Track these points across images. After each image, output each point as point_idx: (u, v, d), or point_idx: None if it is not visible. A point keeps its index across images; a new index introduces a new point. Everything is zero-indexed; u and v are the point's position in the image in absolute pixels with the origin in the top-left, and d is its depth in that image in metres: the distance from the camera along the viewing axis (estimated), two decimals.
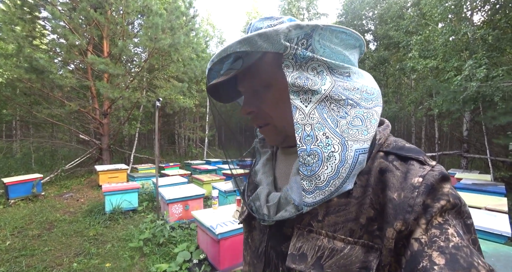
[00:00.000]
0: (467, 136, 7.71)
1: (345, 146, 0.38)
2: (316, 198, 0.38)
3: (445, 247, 0.32)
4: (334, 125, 0.39)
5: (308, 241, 0.41)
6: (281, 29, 0.37)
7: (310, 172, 0.37)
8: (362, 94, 0.42)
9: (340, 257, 0.38)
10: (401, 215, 0.34)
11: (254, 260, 0.53)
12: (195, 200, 4.03)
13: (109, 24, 7.01)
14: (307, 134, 0.38)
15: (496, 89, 4.73)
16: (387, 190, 0.38)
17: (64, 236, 3.91)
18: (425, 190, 0.35)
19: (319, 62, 0.40)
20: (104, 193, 4.58)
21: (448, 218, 0.35)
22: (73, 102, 7.17)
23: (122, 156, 10.17)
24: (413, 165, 0.38)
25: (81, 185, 7.44)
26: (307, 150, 0.38)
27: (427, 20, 7.21)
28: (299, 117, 0.38)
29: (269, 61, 0.44)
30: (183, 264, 2.63)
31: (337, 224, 0.40)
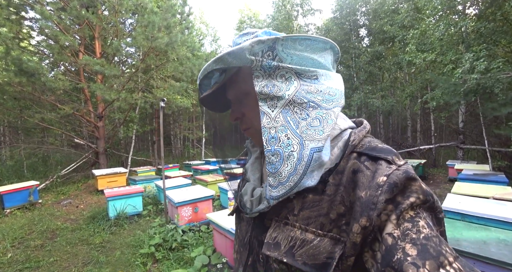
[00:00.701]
0: (463, 128, 7.87)
1: (303, 146, 0.42)
2: (280, 192, 0.43)
3: (417, 238, 0.34)
4: (295, 127, 0.43)
5: (283, 232, 0.45)
6: (245, 46, 0.42)
7: (274, 170, 0.43)
8: (324, 96, 0.46)
9: (310, 247, 0.42)
10: (366, 212, 0.37)
11: (241, 248, 0.58)
12: (204, 202, 3.95)
13: (102, 24, 6.75)
14: (272, 136, 0.43)
15: (496, 81, 4.82)
16: (357, 189, 0.40)
17: (69, 245, 3.76)
18: (388, 188, 0.37)
19: (286, 69, 0.44)
20: (107, 198, 4.43)
21: (419, 211, 0.38)
22: (67, 105, 6.90)
23: (119, 159, 9.93)
24: (381, 164, 0.41)
25: (78, 191, 7.20)
26: (272, 151, 0.43)
27: (423, 14, 7.28)
28: (265, 121, 0.44)
29: (246, 72, 0.49)
30: (201, 268, 2.55)
31: (310, 218, 0.44)
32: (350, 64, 11.25)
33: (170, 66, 7.59)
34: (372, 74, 10.88)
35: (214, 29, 15.93)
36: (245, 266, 0.55)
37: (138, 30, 5.86)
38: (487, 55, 5.23)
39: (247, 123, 0.54)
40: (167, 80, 8.01)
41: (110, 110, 8.42)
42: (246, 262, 0.54)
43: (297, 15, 13.10)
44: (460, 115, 7.85)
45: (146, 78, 7.64)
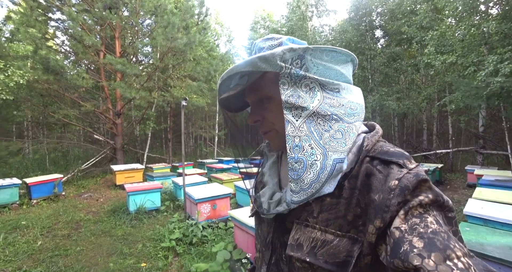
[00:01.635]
0: (483, 132, 7.63)
1: (326, 156, 0.45)
2: (301, 198, 0.46)
3: (424, 232, 0.36)
4: (319, 138, 0.46)
5: (304, 233, 0.48)
6: (277, 52, 0.43)
7: (297, 176, 0.45)
8: (346, 110, 0.48)
9: (330, 247, 0.44)
10: (380, 214, 0.40)
11: (263, 248, 0.61)
12: (222, 200, 4.05)
13: (123, 24, 7.00)
14: (296, 144, 0.45)
15: None
16: (370, 192, 0.43)
17: (93, 236, 3.95)
18: (400, 192, 0.39)
19: (311, 79, 0.46)
20: (128, 193, 4.61)
21: (428, 209, 0.39)
22: (88, 102, 7.19)
23: (135, 156, 10.23)
24: (392, 168, 0.43)
25: (97, 185, 7.50)
26: (295, 158, 0.45)
27: (443, 15, 7.11)
28: (290, 130, 0.45)
29: (270, 77, 0.50)
30: (223, 263, 2.64)
31: (329, 220, 0.46)
32: (365, 66, 11.09)
33: (188, 66, 7.78)
34: (387, 76, 10.70)
35: (228, 30, 16.12)
36: (269, 265, 0.57)
37: (158, 30, 6.06)
38: None
39: (267, 126, 0.54)
40: (184, 79, 8.20)
41: (127, 108, 8.71)
42: (270, 261, 0.57)
43: (312, 16, 13.05)
44: (480, 119, 7.61)
45: (164, 77, 7.85)
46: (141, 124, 8.82)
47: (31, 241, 3.72)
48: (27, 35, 5.69)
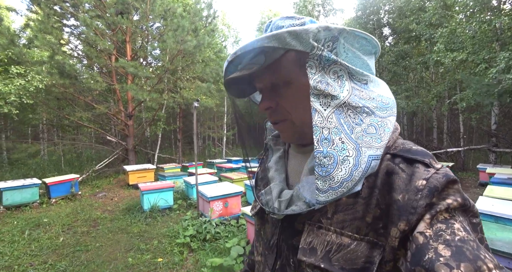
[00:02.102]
0: (496, 130, 7.49)
1: (359, 152, 0.39)
2: (329, 198, 0.39)
3: (451, 240, 0.33)
4: (350, 131, 0.40)
5: (318, 236, 0.44)
6: (311, 29, 0.38)
7: (325, 173, 0.39)
8: (378, 103, 0.44)
9: (347, 252, 0.40)
10: (405, 216, 0.36)
11: (266, 251, 0.55)
12: (234, 198, 4.16)
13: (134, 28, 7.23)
14: (325, 137, 0.39)
15: None
16: (392, 192, 0.39)
17: (110, 233, 4.13)
18: (428, 193, 0.36)
19: (341, 66, 0.42)
20: (143, 192, 4.78)
21: (455, 214, 0.36)
22: (102, 105, 7.45)
23: (145, 156, 10.50)
24: (418, 167, 0.40)
25: (111, 185, 7.75)
26: (324, 152, 0.39)
27: (453, 11, 7.02)
28: (318, 120, 0.40)
29: (291, 59, 0.44)
30: (237, 258, 2.75)
31: (345, 221, 0.42)
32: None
33: (198, 68, 7.95)
34: (396, 74, 10.59)
35: (235, 31, 16.29)
36: (273, 270, 0.52)
37: (168, 34, 6.24)
38: None
39: (282, 115, 0.48)
40: (193, 81, 8.39)
41: (138, 109, 8.96)
42: (274, 266, 0.52)
43: (319, 15, 13.05)
44: (493, 117, 7.48)
45: (174, 79, 8.06)
46: (152, 125, 9.06)
47: (54, 237, 3.92)
48: (44, 42, 5.95)
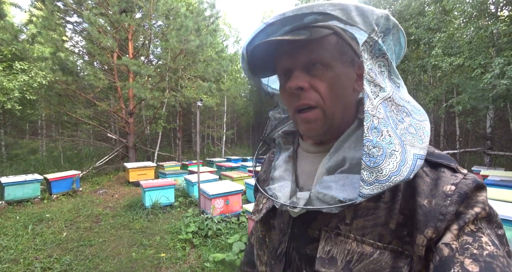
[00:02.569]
0: (491, 133, 7.67)
1: (404, 149, 0.37)
2: (374, 190, 0.35)
3: (479, 254, 0.31)
4: (395, 127, 0.38)
5: (337, 244, 0.40)
6: (376, 11, 0.37)
7: (374, 164, 0.35)
8: (413, 107, 0.43)
9: (370, 262, 0.37)
10: (432, 222, 0.34)
11: (272, 261, 0.51)
12: (235, 196, 4.25)
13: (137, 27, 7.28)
14: (374, 126, 0.36)
15: None
16: (416, 196, 0.37)
17: (113, 228, 4.20)
18: (459, 198, 0.35)
19: (386, 61, 0.40)
20: (145, 189, 4.85)
21: (481, 226, 0.34)
22: (103, 102, 7.50)
23: (145, 154, 10.55)
24: (444, 172, 0.38)
25: (111, 182, 7.81)
26: (373, 142, 0.35)
27: (451, 17, 7.17)
28: (369, 106, 0.36)
29: (334, 42, 0.42)
30: (239, 253, 2.84)
31: (365, 228, 0.39)
32: None
33: (200, 67, 8.03)
34: None
35: (236, 30, 16.36)
36: None
37: (172, 33, 6.30)
38: None
39: (313, 100, 0.43)
40: (195, 80, 8.46)
41: (139, 107, 9.02)
42: None
43: None
44: (488, 120, 7.65)
45: (175, 78, 8.13)
46: (153, 123, 9.12)
47: (57, 232, 3.99)
48: (48, 38, 5.99)
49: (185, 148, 15.93)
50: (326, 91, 0.43)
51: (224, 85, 12.08)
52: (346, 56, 0.44)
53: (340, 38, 0.44)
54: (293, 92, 0.43)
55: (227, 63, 8.04)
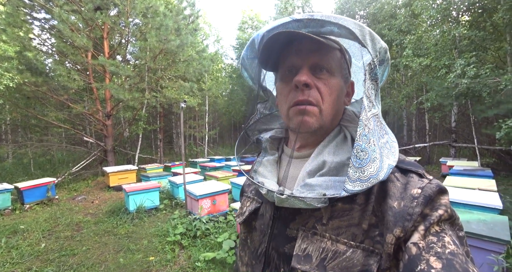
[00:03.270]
0: (455, 127, 8.39)
1: (382, 158, 0.42)
2: (355, 188, 0.40)
3: (442, 253, 0.34)
4: (378, 139, 0.44)
5: (313, 243, 0.43)
6: (382, 42, 0.44)
7: (359, 165, 0.40)
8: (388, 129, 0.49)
9: (343, 260, 0.40)
10: (401, 222, 0.38)
11: (253, 261, 0.54)
12: (221, 195, 4.30)
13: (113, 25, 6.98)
14: (365, 134, 0.41)
15: (484, 86, 5.28)
16: (388, 199, 0.41)
17: (96, 235, 4.07)
18: (424, 201, 0.38)
19: (377, 86, 0.46)
20: (128, 193, 4.73)
21: (444, 227, 0.38)
22: (78, 104, 7.13)
23: (125, 157, 10.17)
24: (412, 177, 0.42)
25: (89, 188, 7.46)
26: (362, 147, 0.40)
27: (420, 20, 7.72)
28: (364, 117, 0.41)
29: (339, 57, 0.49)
30: (229, 251, 2.91)
31: (340, 228, 0.42)
32: None
33: (180, 67, 7.87)
34: None
35: (217, 30, 16.19)
36: None
37: (151, 32, 6.12)
38: (477, 62, 5.71)
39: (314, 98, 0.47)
40: (176, 80, 8.29)
41: (117, 109, 8.67)
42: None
43: None
44: (453, 116, 8.36)
45: (156, 78, 7.92)
46: (132, 125, 8.82)
47: (34, 244, 3.78)
48: (14, 36, 5.57)
49: (166, 149, 15.55)
50: (326, 94, 0.47)
51: (205, 85, 11.96)
52: (344, 72, 0.51)
53: (342, 55, 0.50)
54: (299, 86, 0.46)
55: (208, 62, 7.96)
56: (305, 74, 0.46)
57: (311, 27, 0.44)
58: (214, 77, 14.27)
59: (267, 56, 0.51)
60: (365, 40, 0.42)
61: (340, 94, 0.50)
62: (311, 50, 0.47)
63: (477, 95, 5.69)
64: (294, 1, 13.10)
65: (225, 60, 19.06)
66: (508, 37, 5.91)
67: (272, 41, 0.46)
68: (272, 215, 0.52)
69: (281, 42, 0.46)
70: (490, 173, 5.04)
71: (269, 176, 0.55)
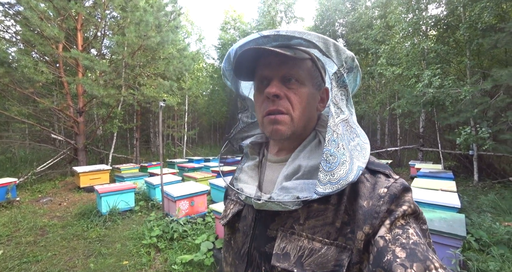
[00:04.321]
0: (423, 133, 9.06)
1: (352, 161, 0.45)
2: (326, 190, 0.42)
3: (406, 243, 0.37)
4: (347, 143, 0.46)
5: (291, 242, 0.46)
6: (347, 51, 0.47)
7: (329, 168, 0.43)
8: (360, 132, 0.52)
9: (318, 256, 0.43)
10: (369, 220, 0.41)
11: (236, 261, 0.56)
12: (200, 196, 4.24)
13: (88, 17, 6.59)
14: (333, 139, 0.44)
15: (447, 95, 5.78)
16: (358, 199, 0.44)
17: (64, 240, 3.81)
18: (389, 199, 0.41)
19: (346, 92, 0.49)
20: (101, 194, 4.49)
21: (409, 221, 0.41)
22: (46, 99, 6.63)
23: (98, 157, 9.60)
24: (380, 177, 0.46)
25: (56, 189, 6.95)
26: (330, 151, 0.43)
27: (393, 32, 8.26)
28: (332, 123, 0.44)
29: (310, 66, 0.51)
30: (207, 252, 2.88)
31: (316, 227, 0.45)
32: None
33: (160, 65, 7.61)
34: None
35: (199, 28, 15.91)
36: None
37: (130, 28, 5.86)
38: (442, 73, 6.24)
39: (285, 107, 0.50)
40: (155, 78, 8.01)
41: (90, 105, 8.18)
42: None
43: (281, 21, 13.70)
44: (421, 122, 9.02)
45: (134, 75, 7.58)
46: (107, 123, 8.36)
47: None
48: None
49: (142, 149, 14.95)
50: (296, 103, 0.50)
51: (185, 84, 11.68)
52: (316, 80, 0.54)
53: (314, 64, 0.53)
54: (270, 97, 0.49)
55: (189, 61, 7.79)
56: (274, 85, 0.49)
57: (280, 41, 0.47)
58: (195, 77, 14.01)
59: (240, 70, 0.54)
60: (329, 52, 0.45)
61: (311, 101, 0.52)
62: (280, 63, 0.50)
63: (441, 104, 6.22)
64: (277, 5, 13.35)
65: (206, 59, 18.83)
66: (467, 52, 6.55)
67: (244, 56, 0.49)
68: (254, 217, 0.54)
69: (252, 56, 0.49)
70: (451, 175, 5.51)
71: (250, 181, 0.57)
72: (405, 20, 7.30)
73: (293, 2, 13.67)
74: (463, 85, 5.85)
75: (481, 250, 3.08)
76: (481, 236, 3.22)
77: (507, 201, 4.92)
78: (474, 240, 3.16)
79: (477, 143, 5.98)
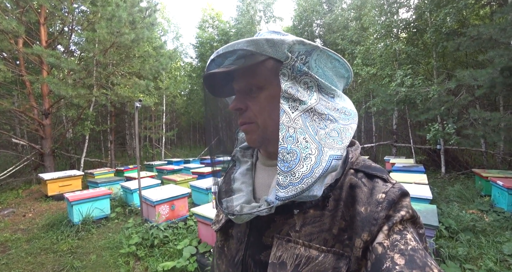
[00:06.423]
0: (396, 129, 9.58)
1: (321, 151, 0.41)
2: (288, 193, 0.40)
3: (404, 249, 0.37)
4: (314, 133, 0.43)
5: (287, 250, 0.44)
6: (287, 40, 0.42)
7: (287, 168, 0.40)
8: (341, 115, 0.48)
9: (315, 264, 0.41)
10: (367, 227, 0.40)
11: (230, 269, 0.54)
12: (180, 200, 4.10)
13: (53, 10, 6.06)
14: (290, 135, 0.41)
15: (418, 94, 6.16)
16: (356, 204, 0.43)
17: (29, 255, 3.48)
18: (387, 205, 0.40)
19: (311, 78, 0.45)
20: (72, 203, 4.17)
21: (407, 226, 0.40)
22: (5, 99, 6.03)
23: (68, 162, 8.93)
24: (377, 182, 0.44)
25: (20, 198, 6.36)
26: (287, 149, 0.41)
27: (368, 33, 8.63)
28: (285, 119, 0.42)
29: (268, 67, 0.46)
30: (190, 258, 2.78)
31: (312, 234, 0.44)
32: None
33: (135, 63, 7.22)
34: None
35: (176, 26, 15.39)
36: None
37: (101, 23, 5.47)
38: (412, 73, 6.64)
39: (249, 118, 0.50)
40: (130, 77, 7.60)
41: (57, 106, 7.56)
42: None
43: (260, 21, 13.73)
44: (394, 119, 9.53)
45: (106, 74, 7.12)
46: (77, 125, 7.79)
47: None
48: None
49: (118, 152, 14.19)
50: (259, 109, 0.49)
51: (162, 84, 11.26)
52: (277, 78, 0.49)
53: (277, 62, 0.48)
54: (234, 111, 0.51)
55: (166, 60, 7.49)
56: (234, 101, 0.51)
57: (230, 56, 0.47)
58: (173, 76, 13.56)
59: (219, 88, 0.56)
60: (264, 50, 0.42)
61: (276, 103, 0.48)
62: (239, 77, 0.50)
63: (413, 102, 6.62)
64: (256, 5, 13.35)
65: (184, 58, 18.33)
66: (434, 54, 7.04)
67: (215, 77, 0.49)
68: (248, 223, 0.52)
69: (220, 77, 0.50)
70: (422, 168, 5.87)
71: (243, 187, 0.55)
72: (378, 22, 7.67)
73: (272, 2, 13.76)
74: (431, 85, 6.27)
75: (451, 237, 3.31)
76: (450, 224, 3.46)
77: (470, 191, 5.36)
78: (445, 228, 3.40)
79: (444, 138, 6.44)
